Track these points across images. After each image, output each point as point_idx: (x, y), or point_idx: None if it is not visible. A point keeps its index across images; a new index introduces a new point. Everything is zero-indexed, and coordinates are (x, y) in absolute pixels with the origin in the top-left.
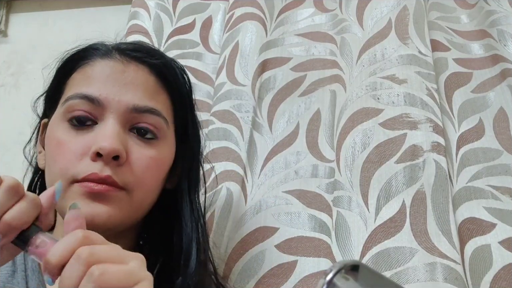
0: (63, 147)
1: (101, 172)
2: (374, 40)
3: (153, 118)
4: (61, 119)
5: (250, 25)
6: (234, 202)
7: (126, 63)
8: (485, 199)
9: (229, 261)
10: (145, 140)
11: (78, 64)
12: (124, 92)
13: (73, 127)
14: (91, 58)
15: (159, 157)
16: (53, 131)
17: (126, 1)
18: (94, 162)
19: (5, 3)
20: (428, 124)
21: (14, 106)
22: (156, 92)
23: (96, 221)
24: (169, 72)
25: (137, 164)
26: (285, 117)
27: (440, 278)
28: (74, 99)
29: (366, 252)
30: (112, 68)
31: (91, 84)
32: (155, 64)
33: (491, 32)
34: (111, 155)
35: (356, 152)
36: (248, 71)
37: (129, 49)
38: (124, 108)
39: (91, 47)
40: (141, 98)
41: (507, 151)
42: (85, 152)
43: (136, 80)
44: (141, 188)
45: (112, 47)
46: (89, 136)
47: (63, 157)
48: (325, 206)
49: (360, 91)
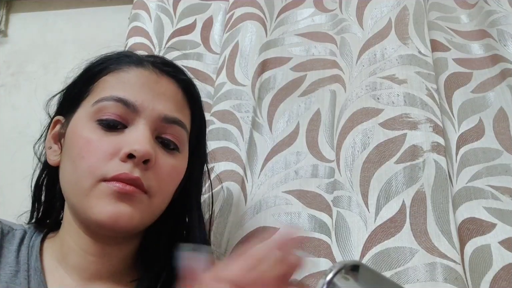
0: (92, 145)
1: (132, 173)
2: (374, 40)
3: (179, 130)
4: (90, 118)
5: (250, 25)
6: (234, 202)
7: (159, 74)
8: (485, 199)
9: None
10: (169, 150)
11: (109, 68)
12: (157, 102)
13: (101, 127)
14: (126, 65)
15: (178, 167)
16: (79, 129)
17: (126, 1)
18: (124, 163)
19: (5, 3)
20: (428, 124)
21: (14, 106)
22: (183, 106)
23: (120, 221)
24: (194, 89)
25: (161, 171)
26: (285, 117)
27: (440, 278)
28: (108, 100)
29: (366, 252)
30: (147, 77)
31: (127, 89)
32: (183, 80)
33: (491, 32)
34: (144, 158)
35: (356, 152)
36: (248, 71)
37: (159, 62)
38: (156, 116)
39: (124, 54)
40: (171, 109)
41: (507, 151)
42: (114, 152)
43: (168, 92)
44: (161, 194)
45: (143, 58)
46: (119, 138)
47: (93, 155)
48: (325, 206)
49: (360, 91)
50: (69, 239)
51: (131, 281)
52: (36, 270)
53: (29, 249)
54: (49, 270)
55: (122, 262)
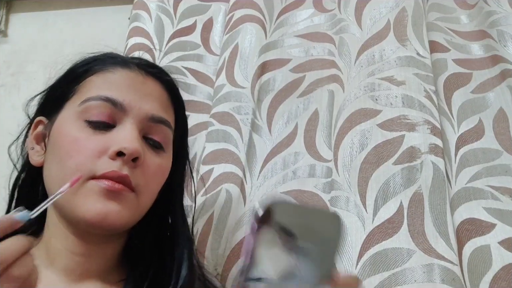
0: (79, 144)
1: (121, 170)
2: (372, 41)
3: (165, 129)
4: (77, 117)
5: (250, 27)
6: (233, 204)
7: (145, 75)
8: (484, 200)
9: (228, 263)
10: (155, 149)
11: (95, 69)
12: (144, 102)
13: (89, 126)
14: (111, 66)
15: (164, 166)
16: (66, 129)
17: (126, 1)
18: (113, 161)
19: (5, 3)
20: (426, 126)
21: (14, 106)
22: (168, 106)
23: (109, 219)
24: (177, 91)
25: (148, 170)
26: (284, 118)
27: (438, 279)
28: (95, 100)
29: (364, 253)
30: (133, 78)
31: (114, 89)
32: (167, 81)
33: (491, 33)
34: (133, 156)
35: (354, 153)
36: (248, 73)
37: (144, 64)
38: (143, 115)
39: (108, 55)
40: (158, 109)
41: (507, 152)
42: (103, 151)
43: (154, 93)
44: (147, 192)
45: (128, 59)
46: (107, 137)
47: (81, 154)
48: (322, 206)
49: (359, 91)
50: (55, 241)
51: (119, 280)
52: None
53: None
54: (39, 279)
55: (109, 262)
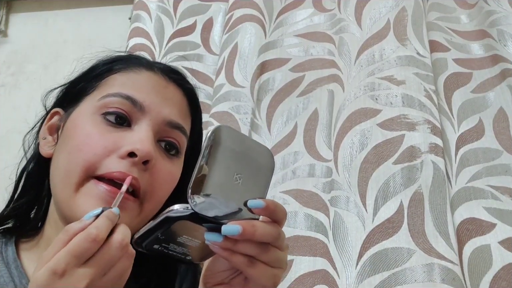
0: (91, 139)
1: (129, 172)
2: (372, 40)
3: (181, 136)
4: (94, 112)
5: (249, 27)
6: None
7: (168, 80)
8: (484, 199)
9: None
10: (169, 155)
11: (119, 68)
12: (164, 106)
13: (106, 122)
14: (136, 66)
15: (175, 173)
16: (81, 122)
17: (126, 1)
18: (122, 160)
19: (5, 3)
20: (426, 125)
21: (14, 106)
22: (186, 114)
23: None
24: (197, 99)
25: (157, 175)
26: (283, 118)
27: (438, 279)
28: (116, 97)
29: (364, 252)
30: (156, 81)
31: (137, 89)
32: (189, 89)
33: (491, 32)
34: (145, 158)
35: (354, 153)
36: (247, 72)
37: (168, 69)
38: (161, 119)
39: (134, 56)
40: (176, 115)
41: (507, 151)
42: (114, 149)
43: (175, 98)
44: (154, 200)
45: (152, 62)
46: (120, 135)
47: (91, 149)
48: (321, 205)
49: (358, 91)
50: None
51: None
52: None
53: (6, 266)
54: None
55: None
